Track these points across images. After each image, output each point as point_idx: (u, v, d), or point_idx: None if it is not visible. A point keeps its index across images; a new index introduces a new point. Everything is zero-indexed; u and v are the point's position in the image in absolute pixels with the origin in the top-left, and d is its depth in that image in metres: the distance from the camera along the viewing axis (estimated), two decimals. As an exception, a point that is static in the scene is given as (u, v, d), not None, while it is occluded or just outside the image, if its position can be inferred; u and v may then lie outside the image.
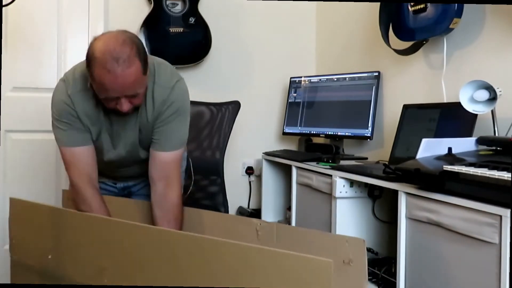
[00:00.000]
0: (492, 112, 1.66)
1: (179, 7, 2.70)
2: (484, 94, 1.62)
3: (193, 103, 2.67)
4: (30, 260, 1.52)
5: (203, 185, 2.50)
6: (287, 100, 2.92)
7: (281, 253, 1.06)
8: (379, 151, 2.44)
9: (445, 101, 2.00)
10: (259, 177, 2.93)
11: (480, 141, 1.57)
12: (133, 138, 1.58)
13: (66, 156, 1.55)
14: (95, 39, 1.39)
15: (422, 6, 1.95)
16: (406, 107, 2.08)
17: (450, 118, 1.85)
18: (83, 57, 2.94)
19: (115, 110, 1.44)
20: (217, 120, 2.52)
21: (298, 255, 1.03)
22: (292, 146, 3.00)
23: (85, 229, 1.42)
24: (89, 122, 1.51)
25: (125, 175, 1.75)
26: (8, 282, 1.66)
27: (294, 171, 2.36)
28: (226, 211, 2.39)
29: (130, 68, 1.33)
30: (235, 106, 2.47)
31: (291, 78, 2.91)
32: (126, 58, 1.32)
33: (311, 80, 2.76)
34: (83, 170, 1.55)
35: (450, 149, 1.51)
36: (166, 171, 1.57)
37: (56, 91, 1.53)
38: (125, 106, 1.40)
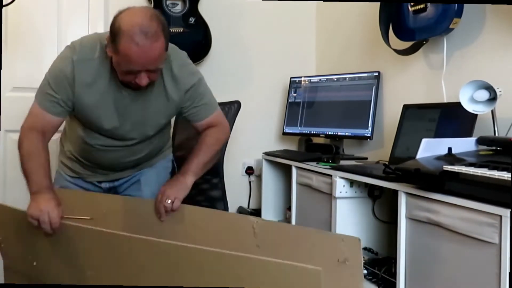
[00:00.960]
0: (492, 112, 1.66)
1: (179, 7, 2.70)
2: (484, 94, 1.62)
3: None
4: (18, 264, 1.50)
5: (203, 184, 2.50)
6: (287, 100, 2.92)
7: (270, 262, 1.05)
8: (379, 151, 2.44)
9: (445, 101, 2.00)
10: (259, 177, 2.93)
11: (480, 141, 1.57)
12: (146, 115, 1.60)
13: (36, 111, 1.55)
14: (120, 12, 1.42)
15: (422, 6, 1.95)
16: (406, 107, 2.08)
17: (450, 118, 1.85)
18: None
19: (130, 84, 1.47)
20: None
21: (286, 263, 1.02)
22: (292, 146, 3.00)
23: (68, 237, 1.38)
24: (87, 91, 1.52)
25: (113, 163, 1.72)
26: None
27: (294, 171, 2.36)
28: (226, 210, 2.38)
29: (156, 43, 1.37)
30: (235, 106, 2.47)
31: (291, 78, 2.91)
32: (154, 32, 1.36)
33: (311, 80, 2.76)
34: (40, 128, 1.54)
35: (450, 149, 1.51)
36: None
37: (60, 56, 1.54)
38: (144, 80, 1.43)
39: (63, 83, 1.50)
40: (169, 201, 1.56)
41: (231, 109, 2.48)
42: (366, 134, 2.36)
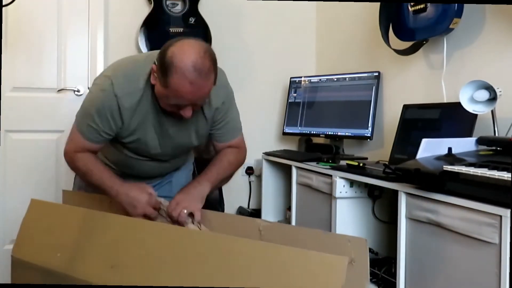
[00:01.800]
0: (492, 112, 1.66)
1: (179, 7, 2.70)
2: (484, 94, 1.62)
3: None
4: (35, 259, 1.52)
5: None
6: (287, 100, 2.92)
7: (296, 251, 1.06)
8: (379, 151, 2.44)
9: (445, 101, 2.00)
10: (259, 177, 2.93)
11: (480, 141, 1.57)
12: (186, 138, 1.59)
13: (78, 139, 1.54)
14: (171, 45, 1.39)
15: (422, 6, 1.95)
16: (406, 107, 2.08)
17: (450, 118, 1.85)
18: (83, 57, 2.94)
19: (173, 114, 1.45)
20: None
21: (312, 252, 1.04)
22: (292, 146, 3.00)
23: (99, 226, 1.43)
24: (132, 121, 1.50)
25: (149, 173, 1.71)
26: (8, 282, 1.66)
27: (294, 171, 2.36)
28: (222, 210, 2.38)
29: (208, 81, 1.37)
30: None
31: (291, 78, 2.91)
32: (206, 71, 1.35)
33: (311, 80, 2.76)
34: (85, 150, 1.56)
35: (450, 149, 1.51)
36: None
37: (101, 88, 1.48)
38: (189, 113, 1.42)
39: (107, 116, 1.47)
40: (185, 212, 1.49)
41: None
42: (366, 134, 2.36)
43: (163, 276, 1.24)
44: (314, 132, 2.68)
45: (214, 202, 2.42)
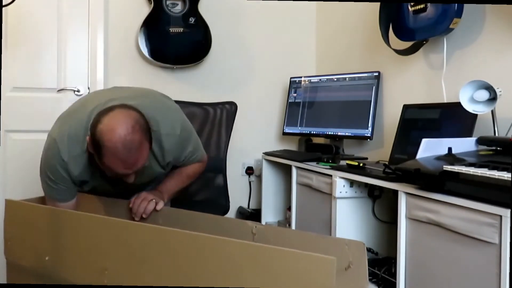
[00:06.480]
0: (492, 112, 1.66)
1: (179, 7, 2.70)
2: (484, 94, 1.62)
3: (192, 104, 2.68)
4: (26, 261, 1.50)
5: (205, 182, 2.50)
6: (287, 100, 2.92)
7: (284, 251, 1.06)
8: (379, 151, 2.44)
9: (445, 101, 2.00)
10: (259, 177, 2.93)
11: (480, 141, 1.57)
12: (139, 179, 1.59)
13: (50, 203, 1.59)
14: (100, 122, 1.34)
15: (422, 6, 1.95)
16: (406, 107, 2.08)
17: (450, 118, 1.85)
18: (83, 57, 2.93)
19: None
20: (216, 120, 2.52)
21: (301, 253, 1.04)
22: (292, 146, 3.00)
23: (83, 229, 1.41)
24: (84, 180, 1.55)
25: (132, 194, 1.76)
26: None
27: (294, 171, 2.36)
28: (228, 207, 2.38)
29: (141, 153, 1.36)
30: (233, 107, 2.48)
31: (291, 78, 2.91)
32: (137, 145, 1.34)
33: (311, 80, 2.76)
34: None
35: (450, 149, 1.51)
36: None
37: (48, 152, 1.52)
38: (132, 178, 1.44)
39: (62, 175, 1.51)
40: (153, 201, 1.57)
41: (231, 109, 2.48)
42: (366, 134, 2.36)
43: (154, 278, 1.23)
44: (314, 132, 2.68)
45: (220, 196, 2.42)
